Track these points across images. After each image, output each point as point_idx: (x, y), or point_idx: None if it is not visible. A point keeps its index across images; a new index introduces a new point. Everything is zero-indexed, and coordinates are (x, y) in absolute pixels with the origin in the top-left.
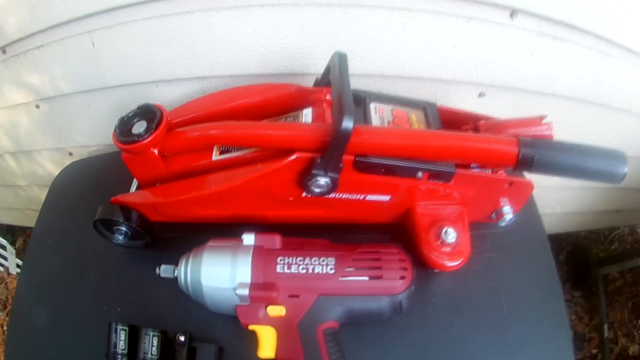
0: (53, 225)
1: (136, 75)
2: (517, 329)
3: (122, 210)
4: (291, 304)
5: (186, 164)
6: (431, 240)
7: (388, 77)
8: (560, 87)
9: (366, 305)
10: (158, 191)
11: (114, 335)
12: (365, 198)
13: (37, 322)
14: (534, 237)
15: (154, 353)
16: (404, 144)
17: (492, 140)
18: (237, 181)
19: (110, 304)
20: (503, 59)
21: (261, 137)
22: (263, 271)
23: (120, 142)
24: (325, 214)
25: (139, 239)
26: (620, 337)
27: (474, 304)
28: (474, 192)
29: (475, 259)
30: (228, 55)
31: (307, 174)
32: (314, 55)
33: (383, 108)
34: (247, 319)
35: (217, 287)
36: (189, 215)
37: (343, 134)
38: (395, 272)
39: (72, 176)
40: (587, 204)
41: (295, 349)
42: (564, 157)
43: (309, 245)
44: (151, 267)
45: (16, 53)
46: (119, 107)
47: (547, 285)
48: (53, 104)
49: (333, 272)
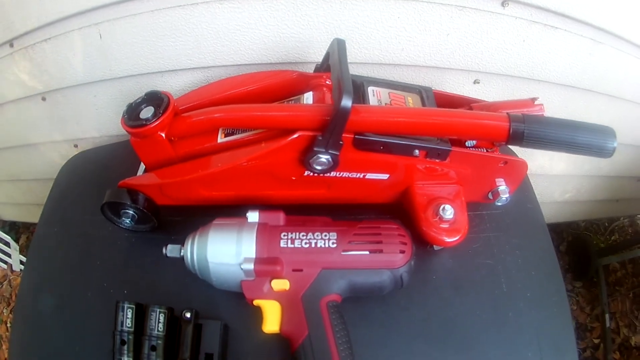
0: (59, 213)
1: (142, 65)
2: (516, 306)
3: (130, 193)
4: (295, 278)
5: (192, 147)
6: (429, 217)
7: (385, 64)
8: (553, 74)
9: (368, 279)
10: (164, 172)
11: (121, 313)
12: (365, 176)
13: (42, 308)
14: (531, 218)
15: (161, 329)
16: (400, 121)
17: (485, 116)
18: (241, 159)
19: (117, 287)
20: (496, 47)
21: (264, 118)
22: (267, 246)
23: (129, 126)
24: (326, 193)
25: (146, 223)
26: (622, 328)
27: (474, 281)
28: (470, 171)
29: (474, 238)
30: (231, 45)
31: (309, 152)
32: (314, 44)
33: (380, 91)
34: (252, 293)
35: (223, 263)
36: (194, 197)
37: (342, 112)
38: (395, 247)
39: (78, 166)
40: (587, 192)
41: (299, 321)
42: (553, 131)
43: (311, 222)
44: (157, 250)
45: (24, 46)
46: (124, 97)
47: (545, 265)
48: (59, 96)
49: (335, 246)
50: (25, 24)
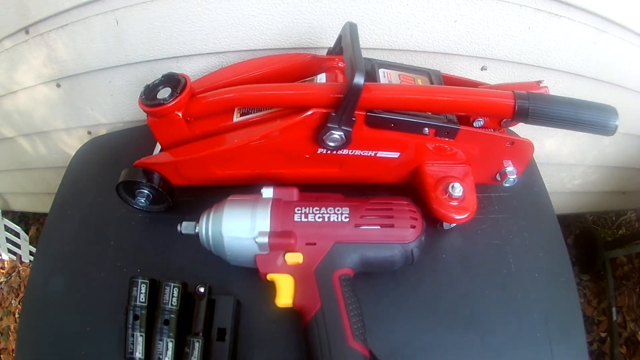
0: (72, 197)
1: (158, 51)
2: (524, 286)
3: (145, 172)
4: (308, 251)
5: (208, 127)
6: (439, 195)
7: (395, 50)
8: (558, 61)
9: (379, 253)
10: (180, 150)
11: (135, 289)
12: (376, 155)
13: (53, 290)
14: (538, 202)
15: (174, 304)
16: (409, 98)
17: (491, 93)
18: (256, 136)
19: (130, 266)
20: (502, 34)
21: (279, 97)
22: (281, 220)
23: (146, 105)
24: (339, 172)
25: (160, 203)
26: (629, 322)
27: (482, 261)
28: (478, 150)
29: (482, 219)
30: (246, 30)
31: (323, 128)
32: (326, 29)
33: (391, 73)
34: (266, 267)
35: (237, 237)
36: (208, 176)
37: (355, 89)
38: (405, 222)
39: (92, 151)
40: (593, 183)
41: (312, 294)
42: (557, 108)
43: (324, 198)
44: (171, 230)
45: (39, 33)
46: (139, 83)
47: (552, 247)
48: (74, 82)
49: (348, 220)
50: (41, 11)
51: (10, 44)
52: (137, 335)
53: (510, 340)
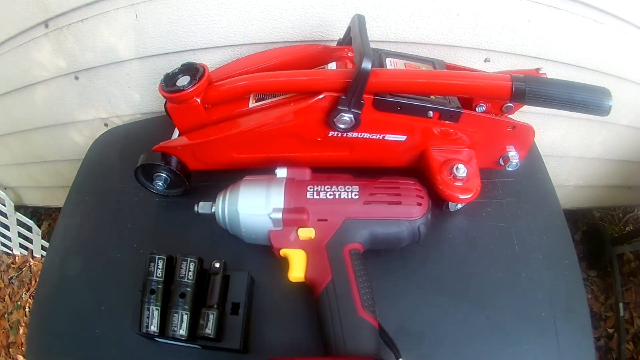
0: (90, 183)
1: (176, 44)
2: (529, 267)
3: (164, 156)
4: (320, 227)
5: (225, 112)
6: (444, 177)
7: (401, 42)
8: (558, 53)
9: (387, 229)
10: (198, 134)
11: (152, 264)
12: (384, 137)
13: (69, 271)
14: (541, 187)
15: (190, 277)
16: (414, 81)
17: (490, 76)
18: (270, 118)
19: (147, 247)
20: (503, 26)
21: (292, 83)
22: (295, 198)
23: (167, 92)
24: (349, 155)
25: (177, 187)
26: (636, 319)
27: (488, 242)
28: (481, 135)
29: (487, 203)
30: (260, 24)
31: (334, 111)
32: (335, 23)
33: (397, 62)
34: (279, 243)
35: (253, 214)
36: (224, 160)
37: (364, 73)
38: (412, 199)
39: (108, 141)
40: (598, 177)
41: (324, 267)
42: (552, 89)
43: (335, 177)
44: (187, 212)
45: (59, 26)
46: (157, 75)
47: (555, 230)
48: (93, 74)
49: (357, 197)
50: (61, 5)
51: (29, 37)
52: (153, 309)
53: (515, 318)
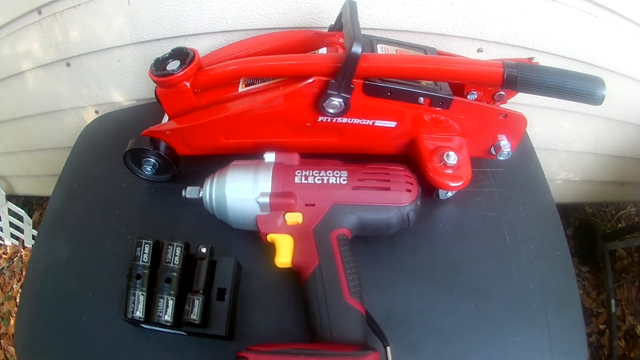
0: (79, 169)
1: (167, 30)
2: (520, 257)
3: (152, 140)
4: (307, 212)
5: (215, 97)
6: (435, 164)
7: (393, 30)
8: (552, 44)
9: (376, 215)
10: (187, 118)
11: (138, 249)
12: (374, 123)
13: (57, 257)
14: (533, 178)
15: (177, 262)
16: (404, 66)
17: (482, 62)
18: (259, 102)
19: (134, 233)
20: (497, 16)
21: (282, 67)
22: (283, 182)
23: (156, 76)
24: (338, 141)
25: (166, 172)
26: (628, 316)
27: (478, 231)
28: (472, 123)
29: (478, 192)
30: (251, 10)
31: (323, 95)
32: (327, 9)
33: (388, 48)
34: (266, 227)
35: (240, 198)
36: (213, 145)
37: (353, 57)
38: (401, 185)
39: (98, 128)
40: (591, 172)
41: (311, 253)
42: (544, 77)
43: (323, 163)
44: (175, 198)
45: (52, 13)
46: (148, 61)
47: (547, 221)
48: (84, 61)
49: (346, 183)
50: None
51: (22, 24)
52: (139, 294)
53: (506, 309)
